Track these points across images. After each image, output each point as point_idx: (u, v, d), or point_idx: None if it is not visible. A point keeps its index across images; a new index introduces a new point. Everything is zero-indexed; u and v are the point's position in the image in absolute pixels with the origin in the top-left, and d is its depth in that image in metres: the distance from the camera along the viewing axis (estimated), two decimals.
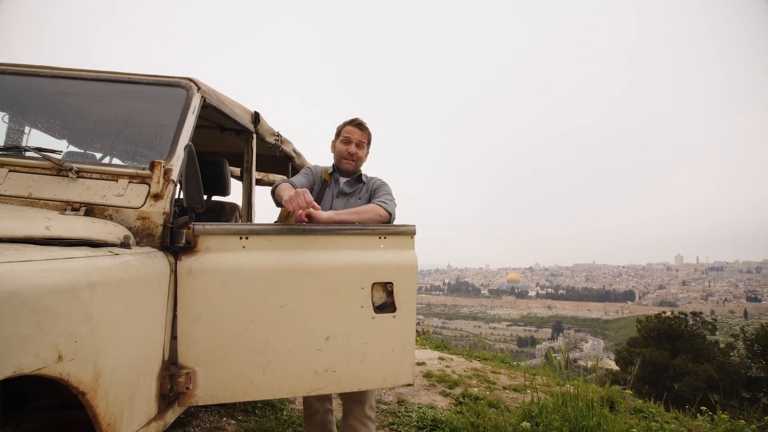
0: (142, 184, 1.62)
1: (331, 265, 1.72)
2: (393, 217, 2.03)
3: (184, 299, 1.58)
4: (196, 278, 1.59)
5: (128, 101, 1.91)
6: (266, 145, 2.95)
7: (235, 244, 1.66)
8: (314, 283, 1.69)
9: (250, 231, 1.67)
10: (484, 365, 4.65)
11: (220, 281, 1.61)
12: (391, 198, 2.13)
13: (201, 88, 1.88)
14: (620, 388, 3.90)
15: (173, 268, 1.57)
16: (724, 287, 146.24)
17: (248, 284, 1.63)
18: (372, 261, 1.76)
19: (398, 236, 1.83)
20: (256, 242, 1.68)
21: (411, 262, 1.81)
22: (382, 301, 1.78)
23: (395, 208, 2.10)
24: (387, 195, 2.15)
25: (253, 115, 2.54)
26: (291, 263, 1.68)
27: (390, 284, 1.78)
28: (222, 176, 2.81)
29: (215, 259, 1.63)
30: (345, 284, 1.73)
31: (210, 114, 2.49)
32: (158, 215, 1.57)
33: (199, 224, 1.63)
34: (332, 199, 2.23)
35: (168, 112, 1.81)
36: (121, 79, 1.89)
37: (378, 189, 2.25)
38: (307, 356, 1.69)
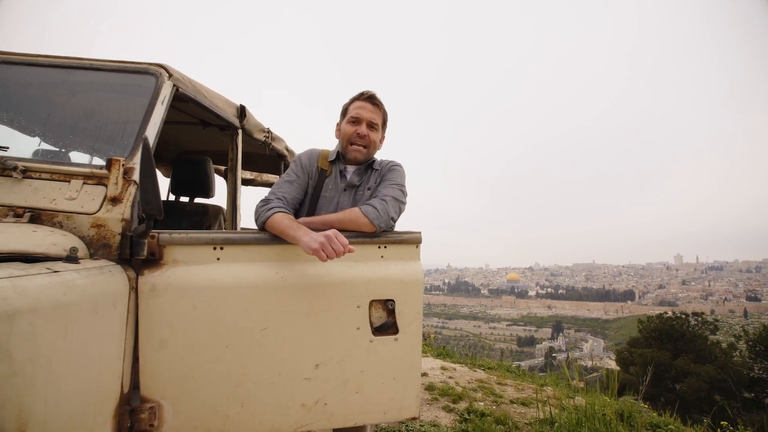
0: (98, 185, 1.37)
1: (322, 280, 1.47)
2: (380, 228, 1.57)
3: (146, 321, 1.34)
4: (161, 296, 1.35)
5: (89, 90, 1.67)
6: (255, 143, 2.70)
7: (208, 256, 1.42)
8: (302, 301, 1.45)
9: (225, 240, 1.43)
10: (489, 375, 4.41)
11: (189, 300, 1.37)
12: (393, 197, 1.66)
13: (173, 76, 1.63)
14: (634, 400, 3.66)
15: (133, 284, 1.32)
16: (723, 287, 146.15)
17: (223, 303, 1.39)
18: (370, 275, 1.52)
19: (401, 245, 1.58)
20: (233, 253, 1.43)
21: (416, 276, 1.57)
22: (382, 322, 1.53)
23: (395, 212, 1.64)
24: (389, 191, 1.68)
25: (238, 108, 2.29)
26: (274, 278, 1.43)
27: (391, 302, 1.53)
28: (204, 176, 2.56)
29: (184, 273, 1.38)
30: (338, 302, 1.48)
31: (189, 107, 2.25)
32: (116, 222, 1.32)
33: (165, 233, 1.39)
34: (338, 195, 1.77)
35: (134, 102, 1.57)
36: (82, 65, 1.64)
37: (385, 180, 1.77)
38: (293, 387, 1.44)
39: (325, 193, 1.77)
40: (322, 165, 1.83)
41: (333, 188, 1.78)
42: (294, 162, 1.83)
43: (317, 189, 1.78)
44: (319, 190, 1.78)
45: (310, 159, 1.83)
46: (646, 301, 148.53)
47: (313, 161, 1.83)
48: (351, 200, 1.78)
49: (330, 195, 1.77)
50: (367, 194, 1.77)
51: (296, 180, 1.77)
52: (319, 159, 1.85)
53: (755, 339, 20.40)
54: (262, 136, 2.67)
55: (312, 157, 1.84)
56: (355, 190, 1.79)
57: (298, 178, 1.77)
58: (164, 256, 1.38)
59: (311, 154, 1.85)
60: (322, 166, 1.82)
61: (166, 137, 3.10)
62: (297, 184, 1.76)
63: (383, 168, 1.86)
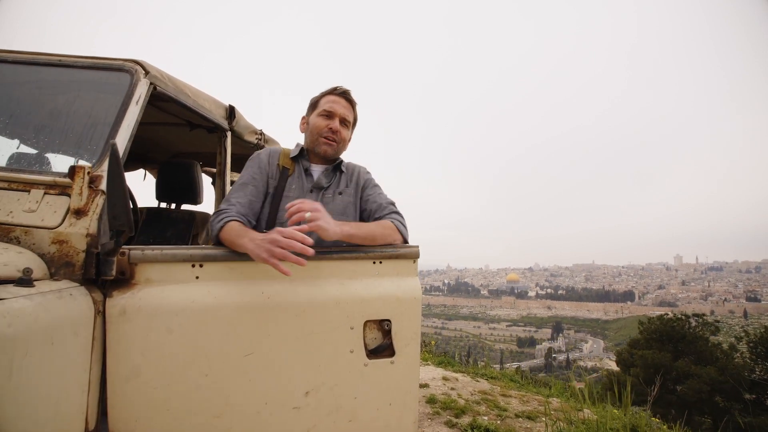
0: (61, 195, 1.23)
1: (312, 299, 1.33)
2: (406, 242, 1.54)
3: (115, 348, 1.19)
4: (133, 320, 1.20)
5: (56, 89, 1.53)
6: (247, 145, 2.56)
7: (186, 274, 1.27)
8: (290, 322, 1.31)
9: (204, 257, 1.28)
10: (493, 386, 4.26)
11: (164, 323, 1.22)
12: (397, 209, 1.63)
13: (150, 73, 1.49)
14: (645, 414, 3.52)
15: (100, 308, 1.18)
16: (723, 287, 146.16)
17: (203, 326, 1.25)
18: (364, 293, 1.38)
19: (397, 261, 1.44)
20: (214, 271, 1.29)
21: (413, 293, 1.43)
22: (377, 344, 1.39)
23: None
24: (389, 199, 1.66)
25: (227, 109, 2.15)
26: (259, 298, 1.29)
27: (387, 322, 1.39)
28: (191, 181, 2.42)
29: (158, 294, 1.24)
30: (330, 323, 1.34)
31: (175, 108, 2.11)
32: (80, 238, 1.18)
33: (137, 249, 1.24)
34: (303, 195, 1.61)
35: (106, 102, 1.43)
36: (50, 61, 1.50)
37: (370, 186, 1.70)
38: (280, 417, 1.30)
39: (288, 193, 1.60)
40: (283, 163, 1.66)
41: (297, 188, 1.62)
42: (250, 162, 1.65)
43: (279, 189, 1.61)
44: (281, 190, 1.61)
45: (269, 157, 1.67)
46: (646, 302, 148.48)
47: (273, 159, 1.67)
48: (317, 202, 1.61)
49: (294, 195, 1.61)
50: (338, 199, 1.64)
51: (252, 182, 1.59)
52: (280, 157, 1.69)
53: (756, 340, 20.29)
54: (253, 138, 2.53)
55: (272, 155, 1.68)
56: (323, 193, 1.64)
57: (254, 180, 1.59)
58: (136, 275, 1.24)
59: (271, 152, 1.69)
60: (284, 164, 1.66)
61: (156, 139, 2.96)
62: (253, 187, 1.58)
63: (354, 172, 1.74)
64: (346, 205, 1.64)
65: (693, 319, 22.71)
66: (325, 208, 1.58)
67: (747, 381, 18.38)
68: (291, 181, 1.63)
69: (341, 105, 1.67)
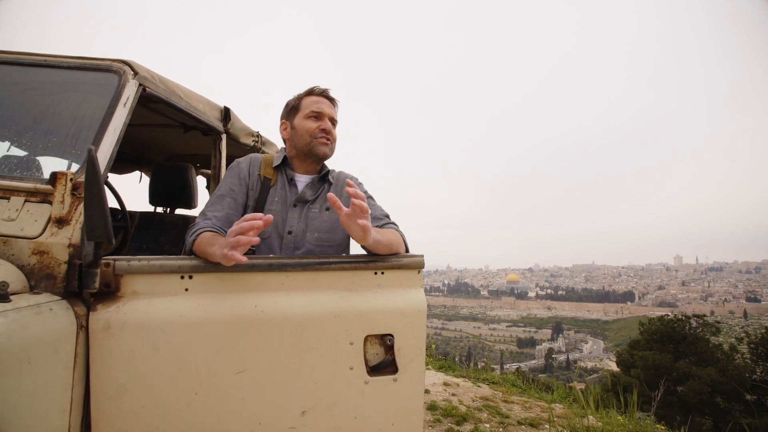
0: (42, 203, 1.16)
1: (309, 312, 1.26)
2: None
3: (99, 366, 1.12)
4: (117, 335, 1.13)
5: (42, 91, 1.45)
6: (244, 148, 2.49)
7: (174, 286, 1.20)
8: (285, 337, 1.23)
9: (194, 267, 1.21)
10: (494, 391, 4.19)
11: (151, 338, 1.15)
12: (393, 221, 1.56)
13: (139, 74, 1.42)
14: (650, 420, 3.45)
15: (83, 322, 1.11)
16: (723, 288, 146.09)
17: (192, 342, 1.17)
18: (365, 306, 1.30)
19: (400, 271, 1.37)
20: (204, 282, 1.22)
21: (418, 306, 1.35)
22: (379, 360, 1.32)
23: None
24: (385, 215, 1.57)
25: (222, 111, 2.08)
26: (252, 311, 1.22)
27: (389, 337, 1.32)
28: (186, 185, 2.35)
29: (145, 307, 1.16)
30: (328, 338, 1.27)
31: (165, 109, 2.04)
32: (61, 248, 1.11)
33: (122, 259, 1.17)
34: (286, 209, 1.50)
35: (92, 104, 1.35)
36: (35, 62, 1.43)
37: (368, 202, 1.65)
38: None
39: (270, 206, 1.50)
40: (264, 173, 1.56)
41: (280, 201, 1.52)
42: (229, 171, 1.54)
43: (260, 201, 1.50)
44: (262, 202, 1.50)
45: (250, 166, 1.56)
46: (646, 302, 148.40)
47: (254, 169, 1.56)
48: (302, 218, 1.51)
49: (276, 209, 1.51)
50: (325, 215, 1.53)
51: (230, 194, 1.48)
52: (261, 166, 1.58)
53: (757, 341, 20.24)
54: (250, 140, 2.46)
55: (253, 164, 1.57)
56: (308, 207, 1.54)
57: (232, 191, 1.49)
58: (121, 288, 1.17)
59: (251, 161, 1.58)
60: (265, 174, 1.56)
61: (151, 140, 2.90)
62: (231, 199, 1.47)
63: (342, 182, 1.62)
64: (335, 222, 1.53)
65: (693, 320, 22.67)
66: (311, 225, 1.51)
67: (748, 382, 18.35)
68: (273, 192, 1.53)
69: (326, 105, 1.59)
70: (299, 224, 1.50)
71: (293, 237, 1.48)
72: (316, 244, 1.49)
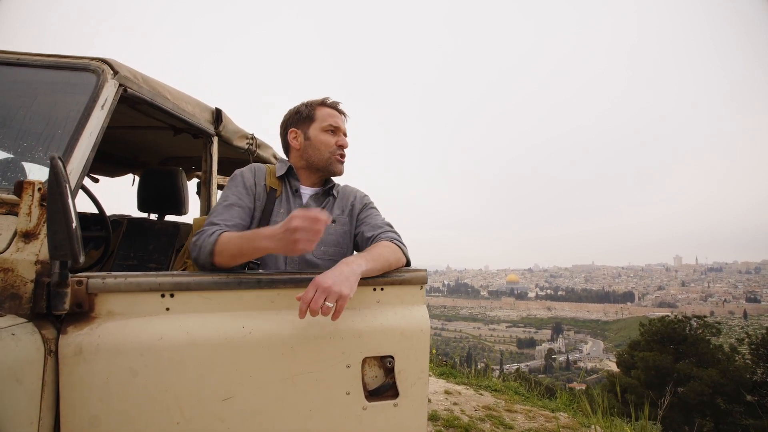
0: (8, 215, 1.06)
1: (301, 333, 1.15)
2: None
3: (70, 395, 1.01)
4: (91, 360, 1.03)
5: (13, 91, 1.35)
6: (238, 151, 2.39)
7: (154, 305, 1.10)
8: (276, 361, 1.13)
9: (176, 285, 1.11)
10: (497, 400, 4.08)
11: (128, 363, 1.05)
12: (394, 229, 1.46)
13: (119, 73, 1.32)
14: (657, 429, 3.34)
15: (52, 347, 1.00)
16: (723, 288, 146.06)
17: (173, 367, 1.07)
18: (363, 325, 1.20)
19: (402, 287, 1.26)
20: (187, 301, 1.11)
21: (420, 325, 1.25)
22: (379, 384, 1.21)
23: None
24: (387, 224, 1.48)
25: (213, 112, 1.98)
26: (239, 333, 1.11)
27: (390, 359, 1.21)
28: (176, 190, 2.24)
29: (122, 329, 1.06)
30: (322, 361, 1.16)
31: (150, 110, 1.93)
32: (28, 266, 1.01)
33: (96, 276, 1.07)
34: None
35: (68, 106, 1.25)
36: (7, 60, 1.33)
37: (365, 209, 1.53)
38: None
39: (276, 218, 1.40)
40: (270, 183, 1.47)
41: (285, 213, 1.42)
42: (232, 181, 1.44)
43: (266, 213, 1.41)
44: (268, 214, 1.41)
45: (255, 176, 1.47)
46: (646, 303, 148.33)
47: (259, 179, 1.47)
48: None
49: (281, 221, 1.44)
50: (330, 229, 1.45)
51: (238, 203, 1.37)
52: (267, 176, 1.49)
53: (758, 342, 20.17)
54: (244, 142, 2.36)
55: (258, 174, 1.48)
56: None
57: (240, 200, 1.38)
58: (96, 308, 1.06)
59: (256, 171, 1.49)
60: (271, 185, 1.47)
61: (144, 143, 2.79)
62: (239, 208, 1.36)
63: (349, 198, 1.56)
64: (340, 236, 1.47)
65: (694, 320, 22.62)
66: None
67: (749, 383, 18.30)
68: (279, 204, 1.45)
69: (341, 119, 1.54)
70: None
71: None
72: (323, 257, 1.41)
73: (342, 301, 1.05)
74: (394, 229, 1.45)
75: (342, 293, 1.05)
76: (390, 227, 1.45)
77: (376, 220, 1.48)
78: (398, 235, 1.42)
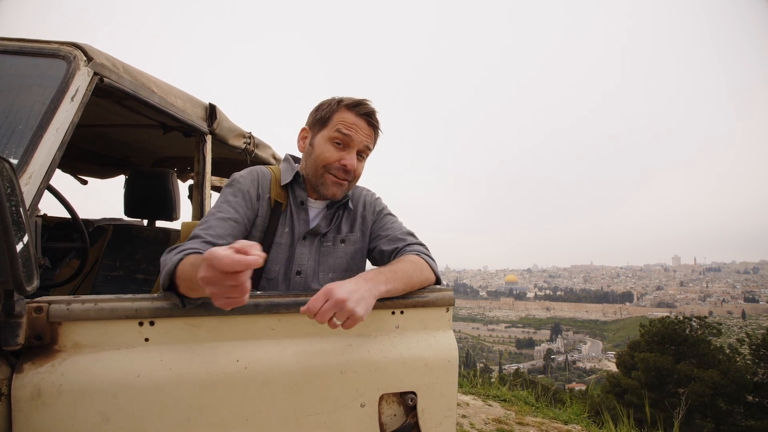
0: None
1: (308, 366, 0.97)
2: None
3: None
4: (52, 404, 0.84)
5: None
6: (234, 150, 2.21)
7: (130, 336, 0.91)
8: (277, 400, 0.95)
9: (156, 311, 0.92)
10: (507, 411, 3.91)
11: (99, 407, 0.86)
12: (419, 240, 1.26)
13: (94, 60, 1.14)
14: None
15: (3, 389, 0.82)
16: (721, 288, 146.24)
17: (153, 410, 0.89)
18: (379, 356, 1.01)
19: (424, 310, 1.08)
20: (170, 330, 0.93)
21: (447, 354, 1.06)
22: (399, 424, 1.03)
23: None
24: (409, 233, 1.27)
25: (206, 108, 1.80)
26: (232, 368, 0.93)
27: (411, 395, 1.03)
28: (166, 193, 2.05)
29: (91, 365, 0.88)
30: (332, 400, 0.98)
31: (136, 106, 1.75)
32: None
33: (60, 301, 0.88)
34: (293, 241, 1.20)
35: (32, 98, 1.07)
36: None
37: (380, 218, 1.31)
38: None
39: (280, 239, 1.19)
40: (276, 196, 1.23)
41: (289, 233, 1.21)
42: (230, 188, 1.19)
43: (269, 233, 1.18)
44: (271, 234, 1.18)
45: (259, 186, 1.22)
46: (645, 303, 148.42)
47: (264, 189, 1.22)
48: (312, 253, 1.21)
49: (286, 242, 1.20)
50: (340, 249, 1.24)
51: (235, 217, 1.12)
52: (272, 185, 1.24)
53: (759, 343, 20.14)
54: (241, 142, 2.17)
55: (262, 184, 1.22)
56: (320, 240, 1.24)
57: (237, 213, 1.13)
58: (59, 339, 0.88)
59: (259, 179, 1.23)
60: (276, 198, 1.22)
61: (136, 142, 2.61)
62: (236, 223, 1.11)
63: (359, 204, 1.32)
64: (351, 258, 1.27)
65: (695, 321, 22.58)
66: (324, 262, 1.22)
67: (750, 384, 18.27)
68: (283, 221, 1.22)
69: (362, 132, 1.20)
70: (309, 261, 1.21)
71: (303, 278, 1.19)
72: None
73: (352, 321, 0.88)
74: (419, 239, 1.25)
75: (355, 313, 0.87)
76: (413, 237, 1.26)
77: (394, 230, 1.28)
78: (425, 246, 1.22)
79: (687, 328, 21.93)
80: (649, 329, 22.86)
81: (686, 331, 21.67)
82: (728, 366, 19.56)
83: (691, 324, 22.20)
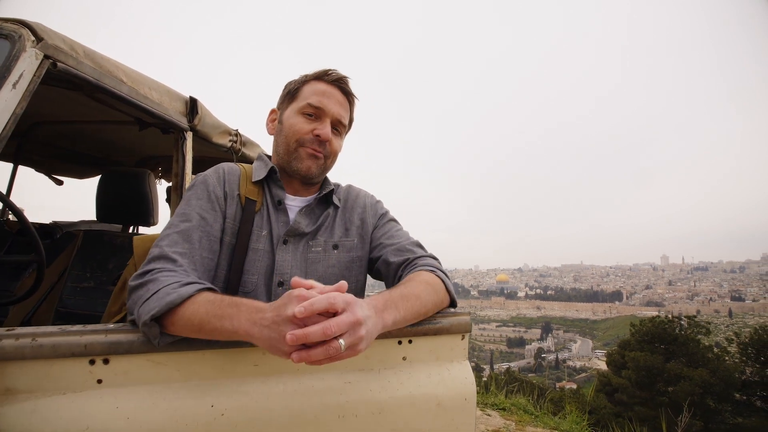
0: None
1: (298, 410, 0.80)
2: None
3: None
4: None
5: None
6: (219, 149, 2.03)
7: (80, 377, 0.74)
8: None
9: (112, 346, 0.75)
10: (506, 421, 3.77)
11: None
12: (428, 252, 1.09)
13: (44, 41, 0.96)
14: None
15: None
16: (709, 287, 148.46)
17: None
18: (383, 394, 0.85)
19: (437, 338, 0.92)
20: (128, 369, 0.76)
21: (463, 390, 0.90)
22: None
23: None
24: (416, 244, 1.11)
25: (186, 102, 1.63)
26: (207, 415, 0.76)
27: None
28: (142, 197, 1.87)
29: (27, 416, 0.70)
30: None
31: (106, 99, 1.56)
32: None
33: None
34: (274, 249, 1.02)
35: None
36: None
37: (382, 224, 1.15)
38: None
39: (256, 244, 1.01)
40: (246, 192, 1.06)
41: (267, 236, 1.03)
42: (193, 192, 1.02)
43: (242, 236, 1.00)
44: (245, 237, 1.00)
45: (226, 183, 1.05)
46: (634, 302, 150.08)
47: (231, 187, 1.05)
48: (297, 259, 1.03)
49: (264, 248, 1.02)
50: (333, 256, 1.06)
51: (201, 226, 0.95)
52: (241, 181, 1.07)
53: (747, 342, 20.46)
54: (226, 139, 2.00)
55: (230, 179, 1.06)
56: (306, 244, 1.06)
57: (204, 221, 0.96)
58: None
59: (226, 175, 1.07)
60: (248, 195, 1.06)
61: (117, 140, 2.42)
62: (204, 234, 0.95)
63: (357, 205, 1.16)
64: (346, 266, 1.08)
65: (684, 320, 22.88)
66: (313, 270, 1.03)
67: (738, 382, 18.58)
68: (259, 222, 1.04)
69: (335, 100, 1.09)
70: (293, 270, 1.02)
71: (286, 290, 0.99)
72: None
73: (351, 353, 0.70)
74: (428, 252, 1.08)
75: (358, 346, 0.71)
76: (422, 248, 1.09)
77: (400, 238, 1.11)
78: (437, 260, 1.05)
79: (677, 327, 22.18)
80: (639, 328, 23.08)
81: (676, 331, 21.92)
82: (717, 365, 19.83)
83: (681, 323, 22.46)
